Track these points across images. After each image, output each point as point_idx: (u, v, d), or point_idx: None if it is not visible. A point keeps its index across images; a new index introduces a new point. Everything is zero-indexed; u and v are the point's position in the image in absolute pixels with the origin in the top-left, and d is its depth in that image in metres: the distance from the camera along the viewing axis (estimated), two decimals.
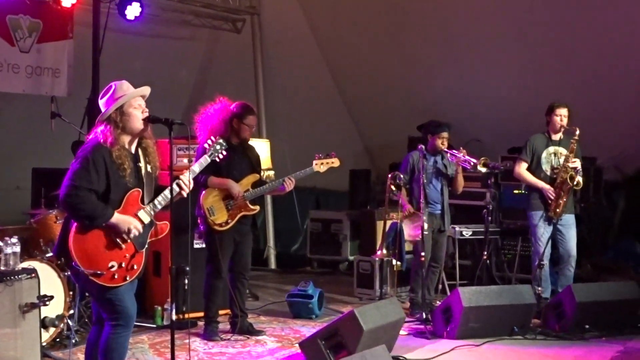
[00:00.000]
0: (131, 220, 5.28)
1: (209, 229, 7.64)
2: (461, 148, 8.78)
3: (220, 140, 6.02)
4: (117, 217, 5.22)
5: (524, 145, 8.98)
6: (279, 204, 12.86)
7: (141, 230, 5.34)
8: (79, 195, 5.11)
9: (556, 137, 8.82)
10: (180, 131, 5.70)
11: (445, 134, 8.69)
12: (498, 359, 7.24)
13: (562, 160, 8.72)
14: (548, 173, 8.78)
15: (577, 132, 8.61)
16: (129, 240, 5.29)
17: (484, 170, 8.71)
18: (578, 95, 9.94)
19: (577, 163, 8.66)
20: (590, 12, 10.04)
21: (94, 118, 8.79)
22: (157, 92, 5.53)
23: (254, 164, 7.89)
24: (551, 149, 8.80)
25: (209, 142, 6.02)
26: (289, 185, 7.79)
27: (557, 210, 8.64)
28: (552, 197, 8.63)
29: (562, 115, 8.74)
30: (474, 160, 8.56)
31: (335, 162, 8.06)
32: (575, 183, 8.60)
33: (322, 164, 7.99)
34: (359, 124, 13.21)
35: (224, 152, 6.01)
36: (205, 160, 5.85)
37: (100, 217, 5.16)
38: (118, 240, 5.26)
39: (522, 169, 8.91)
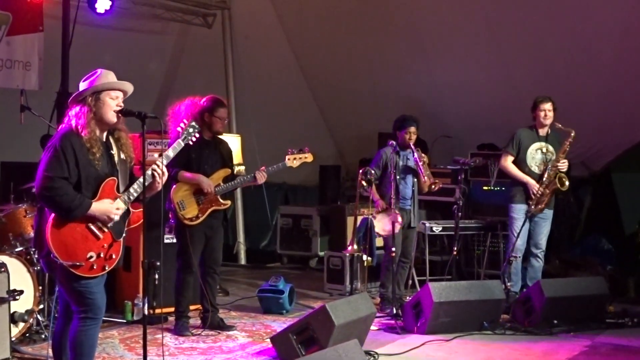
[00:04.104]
0: (109, 207, 5.23)
1: (179, 223, 7.62)
2: (423, 155, 8.76)
3: (193, 123, 5.92)
4: (95, 207, 5.17)
5: (510, 138, 8.96)
6: (248, 199, 12.85)
7: (122, 210, 5.31)
8: (55, 186, 5.05)
9: (543, 132, 8.83)
10: (152, 125, 5.65)
11: (412, 129, 8.66)
12: (468, 353, 7.27)
13: (548, 156, 8.74)
14: (532, 169, 8.79)
15: (572, 134, 8.59)
16: (106, 230, 5.25)
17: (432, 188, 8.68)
18: (546, 91, 9.92)
19: (565, 164, 8.68)
20: (559, 6, 10.07)
21: (64, 111, 8.80)
22: None
23: (226, 159, 7.86)
24: (537, 144, 8.81)
25: (182, 125, 5.95)
26: (261, 178, 7.77)
27: (540, 206, 8.68)
28: (536, 194, 8.66)
29: (546, 110, 8.74)
30: (426, 179, 8.55)
31: (308, 158, 8.06)
32: (564, 186, 8.63)
33: (295, 159, 7.99)
34: (329, 120, 13.25)
35: (197, 135, 5.93)
36: (179, 144, 5.75)
37: (78, 209, 5.11)
38: (95, 230, 5.22)
39: (508, 161, 8.90)
